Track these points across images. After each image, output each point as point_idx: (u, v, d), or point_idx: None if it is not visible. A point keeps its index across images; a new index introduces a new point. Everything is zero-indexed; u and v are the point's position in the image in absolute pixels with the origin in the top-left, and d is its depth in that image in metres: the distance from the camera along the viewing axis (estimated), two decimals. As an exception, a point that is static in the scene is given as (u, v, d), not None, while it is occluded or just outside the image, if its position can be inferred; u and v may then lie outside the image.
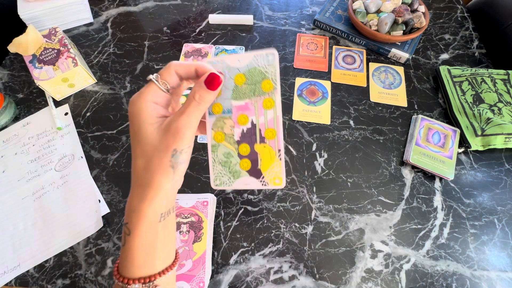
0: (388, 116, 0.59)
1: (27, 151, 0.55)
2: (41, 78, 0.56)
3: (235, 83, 0.27)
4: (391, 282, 0.45)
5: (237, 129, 0.28)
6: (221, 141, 0.28)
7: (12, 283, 0.44)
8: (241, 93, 0.27)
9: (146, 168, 0.26)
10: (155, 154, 0.25)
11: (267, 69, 0.27)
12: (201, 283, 0.43)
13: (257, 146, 0.28)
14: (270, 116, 0.27)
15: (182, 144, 0.25)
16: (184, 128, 0.25)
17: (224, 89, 0.27)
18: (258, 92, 0.27)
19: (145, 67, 0.66)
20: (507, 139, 0.53)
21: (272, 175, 0.28)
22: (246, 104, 0.27)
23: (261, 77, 0.27)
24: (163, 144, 0.25)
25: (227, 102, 0.27)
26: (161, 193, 0.26)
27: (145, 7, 0.76)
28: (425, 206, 0.50)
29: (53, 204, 0.50)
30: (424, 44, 0.69)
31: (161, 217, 0.26)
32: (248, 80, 0.27)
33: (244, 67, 0.27)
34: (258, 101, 0.27)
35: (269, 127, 0.27)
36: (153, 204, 0.26)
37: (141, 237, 0.26)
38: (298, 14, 0.75)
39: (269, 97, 0.27)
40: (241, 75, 0.27)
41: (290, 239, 0.48)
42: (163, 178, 0.25)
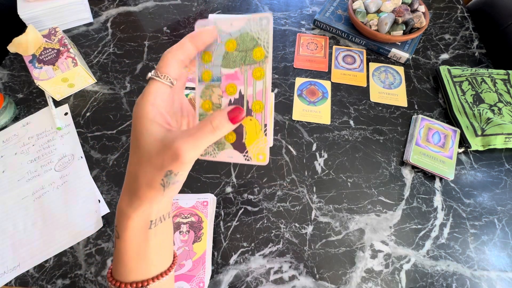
0: (388, 116, 0.59)
1: (27, 151, 0.55)
2: (41, 78, 0.56)
3: (226, 49, 0.26)
4: (391, 282, 0.45)
5: (225, 99, 0.26)
6: (208, 110, 0.27)
7: (12, 283, 0.44)
8: (231, 60, 0.26)
9: (136, 177, 0.24)
10: (148, 168, 0.23)
11: (259, 35, 0.25)
12: (201, 283, 0.43)
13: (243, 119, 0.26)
14: (259, 87, 0.25)
15: (179, 168, 0.23)
16: (187, 153, 0.22)
17: (216, 55, 0.26)
18: (249, 60, 0.25)
19: (145, 67, 0.66)
20: (507, 139, 0.53)
21: (256, 151, 0.26)
22: (235, 73, 0.26)
23: (253, 43, 0.25)
24: (159, 161, 0.23)
25: (216, 69, 0.26)
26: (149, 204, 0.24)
27: (145, 7, 0.76)
28: (425, 206, 0.50)
29: (53, 204, 0.50)
30: (424, 44, 0.69)
31: (152, 224, 0.25)
32: (239, 46, 0.25)
33: (236, 32, 0.25)
34: (248, 70, 0.25)
35: (257, 99, 0.26)
36: (140, 212, 0.24)
37: (130, 242, 0.25)
38: (298, 14, 0.75)
39: (259, 67, 0.25)
40: (232, 40, 0.25)
41: (290, 239, 0.48)
42: (150, 192, 0.23)
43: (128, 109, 0.60)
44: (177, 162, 0.22)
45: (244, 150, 0.27)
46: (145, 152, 0.23)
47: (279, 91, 0.62)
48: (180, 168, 0.23)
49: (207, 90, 0.27)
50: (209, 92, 0.27)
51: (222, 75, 0.26)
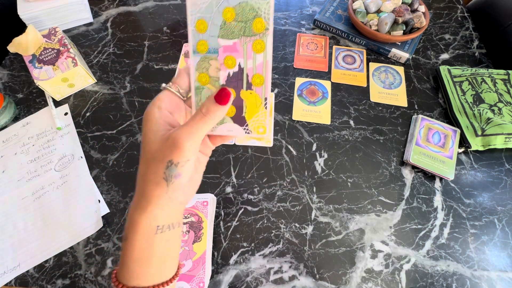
0: (388, 116, 0.59)
1: (27, 151, 0.55)
2: (41, 78, 0.56)
3: (224, 18, 0.24)
4: (391, 282, 0.45)
5: (223, 72, 0.26)
6: (205, 84, 0.26)
7: (12, 283, 0.44)
8: (229, 31, 0.24)
9: (143, 177, 0.25)
10: (151, 163, 0.24)
11: (260, 5, 0.23)
12: (201, 283, 0.43)
13: (243, 93, 0.26)
14: (260, 60, 0.25)
15: (178, 156, 0.23)
16: (183, 140, 0.23)
17: (212, 24, 0.24)
18: (249, 32, 0.24)
19: (145, 67, 0.66)
20: (507, 139, 0.53)
21: (256, 124, 0.27)
22: (234, 44, 0.25)
23: (253, 14, 0.24)
24: (160, 154, 0.24)
25: (213, 40, 0.25)
26: (155, 204, 0.25)
27: (145, 7, 0.76)
28: (425, 206, 0.50)
29: (53, 204, 0.50)
30: (424, 44, 0.69)
31: (158, 229, 0.25)
32: (238, 16, 0.24)
33: (235, 0, 0.24)
34: (248, 42, 0.24)
35: (257, 73, 0.25)
36: (147, 215, 0.25)
37: (136, 246, 0.25)
38: (298, 14, 0.75)
39: (259, 39, 0.24)
40: (230, 9, 0.24)
41: (290, 239, 0.48)
42: (155, 189, 0.24)
43: (128, 109, 0.60)
44: (175, 150, 0.23)
45: (244, 124, 0.27)
46: (150, 150, 0.24)
47: (279, 91, 0.62)
48: (180, 157, 0.23)
49: (203, 62, 0.25)
50: (206, 64, 0.25)
51: (219, 46, 0.25)
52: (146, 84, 0.63)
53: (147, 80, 0.64)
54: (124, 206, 0.50)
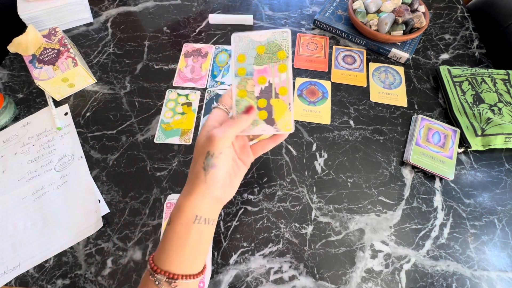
0: (388, 116, 0.59)
1: (27, 151, 0.55)
2: (41, 78, 0.56)
3: (257, 52, 0.34)
4: (391, 282, 0.45)
5: (257, 87, 0.35)
6: (243, 97, 0.35)
7: (12, 283, 0.44)
8: (261, 60, 0.35)
9: (192, 168, 0.32)
10: (197, 157, 0.32)
11: (282, 42, 0.34)
12: (201, 283, 0.43)
13: (272, 101, 0.35)
14: (283, 77, 0.35)
15: (213, 148, 0.31)
16: (217, 135, 0.31)
17: (249, 57, 0.35)
18: (275, 59, 0.34)
19: (145, 67, 0.66)
20: (507, 139, 0.53)
21: (283, 123, 0.35)
22: (264, 68, 0.35)
23: (277, 48, 0.34)
24: (202, 148, 0.31)
25: (249, 67, 0.35)
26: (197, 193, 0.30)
27: (145, 7, 0.76)
28: (425, 206, 0.50)
29: (53, 204, 0.50)
30: (424, 44, 0.69)
31: (196, 219, 0.30)
32: (267, 50, 0.34)
33: (264, 41, 0.34)
34: (274, 66, 0.34)
35: (282, 86, 0.35)
36: (190, 202, 0.30)
37: (176, 230, 0.30)
38: (298, 14, 0.75)
39: (283, 63, 0.34)
40: (261, 46, 0.34)
41: (290, 239, 0.48)
42: (196, 178, 0.31)
43: (128, 109, 0.60)
44: (211, 142, 0.31)
45: (274, 124, 0.35)
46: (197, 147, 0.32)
47: (279, 91, 0.62)
48: (214, 148, 0.31)
49: (242, 81, 0.35)
50: (244, 83, 0.35)
51: (254, 70, 0.35)
52: (146, 84, 0.63)
53: (147, 80, 0.64)
54: (124, 206, 0.50)
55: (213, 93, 0.62)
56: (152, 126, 0.58)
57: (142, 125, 0.58)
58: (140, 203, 0.50)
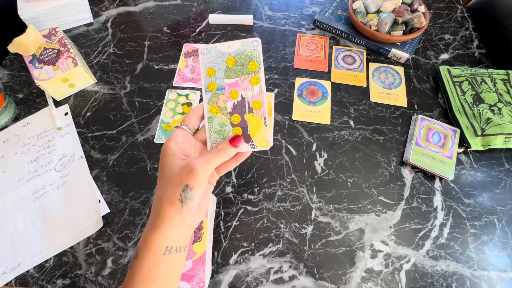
0: (388, 116, 0.59)
1: (27, 151, 0.55)
2: (41, 78, 0.56)
3: (227, 65, 0.32)
4: (391, 282, 0.45)
5: (229, 102, 0.33)
6: (215, 113, 0.33)
7: (12, 283, 0.44)
8: (232, 73, 0.32)
9: (160, 198, 0.29)
10: (169, 186, 0.28)
11: (252, 53, 0.32)
12: (201, 283, 0.43)
13: (246, 116, 0.33)
14: (256, 90, 0.32)
15: (194, 181, 0.28)
16: (199, 168, 0.28)
17: (218, 70, 0.32)
18: (246, 71, 0.32)
19: (145, 67, 0.66)
20: (507, 139, 0.53)
21: (259, 139, 0.32)
22: (236, 82, 0.32)
23: (248, 59, 0.32)
24: (178, 179, 0.28)
25: (220, 80, 0.33)
26: (168, 224, 0.28)
27: (145, 7, 0.76)
28: (425, 206, 0.50)
29: (53, 204, 0.50)
30: (424, 44, 0.69)
31: (167, 250, 0.29)
32: (237, 62, 0.32)
33: (233, 52, 0.32)
34: (246, 79, 0.32)
35: (255, 99, 0.32)
36: (160, 234, 0.28)
37: (145, 264, 0.28)
38: (298, 14, 0.75)
39: (255, 75, 0.32)
40: (231, 58, 0.32)
41: (290, 239, 0.48)
42: (170, 209, 0.28)
43: (128, 109, 0.60)
44: (192, 175, 0.28)
45: (250, 140, 0.32)
46: (168, 176, 0.29)
47: (279, 91, 0.62)
48: (195, 182, 0.28)
49: (213, 97, 0.33)
50: (215, 98, 0.33)
51: (225, 84, 0.32)
52: (146, 84, 0.63)
53: (147, 80, 0.64)
54: (124, 206, 0.50)
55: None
56: (152, 126, 0.58)
57: (142, 125, 0.58)
58: (140, 203, 0.50)
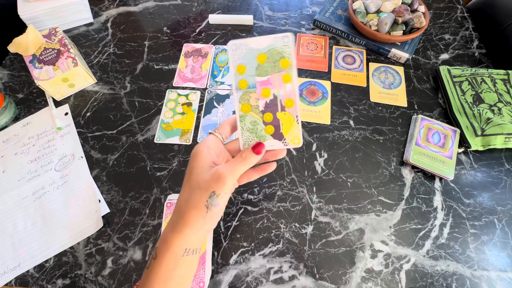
0: (388, 116, 0.59)
1: (27, 151, 0.55)
2: (41, 78, 0.56)
3: (258, 62, 0.32)
4: (391, 282, 0.45)
5: (261, 101, 0.32)
6: (247, 112, 0.33)
7: (12, 283, 0.44)
8: (263, 70, 0.32)
9: (186, 202, 0.30)
10: (197, 191, 0.29)
11: (283, 49, 0.31)
12: (201, 283, 0.43)
13: (279, 114, 0.33)
14: (289, 88, 0.32)
15: (221, 189, 0.29)
16: (227, 176, 0.29)
17: (249, 67, 0.32)
18: (278, 68, 0.32)
19: (145, 67, 0.66)
20: (507, 139, 0.53)
21: (291, 137, 0.33)
22: (268, 79, 0.32)
23: (279, 56, 0.31)
24: (206, 185, 0.29)
25: (251, 78, 0.32)
26: (191, 227, 0.29)
27: (145, 7, 0.76)
28: (425, 206, 0.50)
29: (53, 204, 0.50)
30: (424, 44, 0.69)
31: (185, 252, 0.30)
32: (268, 59, 0.31)
33: (264, 48, 0.31)
34: (278, 76, 0.32)
35: (288, 98, 0.32)
36: (181, 236, 0.29)
37: (163, 264, 0.29)
38: (298, 14, 0.75)
39: (287, 73, 0.32)
40: (262, 55, 0.31)
41: (290, 239, 0.48)
42: (196, 213, 0.29)
43: (128, 109, 0.60)
44: (219, 182, 0.29)
45: (282, 138, 0.33)
46: (196, 181, 0.30)
47: (279, 91, 0.62)
48: (222, 189, 0.29)
49: (244, 95, 0.33)
50: (247, 97, 0.33)
51: (256, 82, 0.32)
52: (146, 84, 0.63)
53: (147, 80, 0.64)
54: (124, 206, 0.50)
55: (213, 93, 0.62)
56: (152, 126, 0.58)
57: (142, 125, 0.58)
58: (140, 203, 0.50)
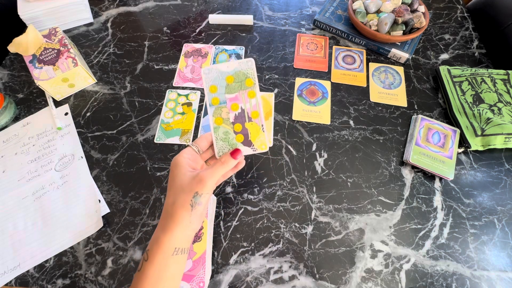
0: (388, 116, 0.59)
1: (27, 151, 0.55)
2: (41, 78, 0.56)
3: (227, 82, 0.38)
4: (391, 282, 0.45)
5: (231, 113, 0.38)
6: (220, 124, 0.38)
7: (12, 283, 0.44)
8: (231, 89, 0.38)
9: (173, 204, 0.33)
10: (181, 194, 0.33)
11: (247, 71, 0.37)
12: (201, 283, 0.43)
13: (246, 124, 0.38)
14: (254, 102, 0.38)
15: (203, 189, 0.33)
16: (207, 178, 0.34)
17: (220, 86, 0.38)
18: (243, 87, 0.38)
19: (145, 67, 0.66)
20: (507, 139, 0.53)
21: (259, 143, 0.38)
22: (236, 96, 0.38)
23: (244, 76, 0.37)
24: (189, 187, 0.33)
25: (222, 96, 0.38)
26: (179, 225, 0.32)
27: (145, 7, 0.76)
28: (425, 206, 0.50)
29: (53, 204, 0.50)
30: (424, 44, 0.69)
31: (175, 251, 0.32)
32: (235, 79, 0.37)
33: (232, 71, 0.37)
34: (244, 93, 0.38)
35: (253, 110, 0.38)
36: (172, 235, 0.32)
37: (155, 265, 0.32)
38: (298, 14, 0.75)
39: (251, 90, 0.38)
40: (230, 76, 0.37)
41: (290, 239, 0.48)
42: (183, 212, 0.33)
43: (128, 109, 0.60)
44: (201, 184, 0.33)
45: (251, 145, 0.38)
46: (180, 185, 0.34)
47: (279, 91, 0.62)
48: (204, 190, 0.34)
49: (217, 110, 0.38)
50: (219, 111, 0.38)
51: (226, 99, 0.38)
52: (146, 84, 0.63)
53: (147, 80, 0.64)
54: (124, 206, 0.50)
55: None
56: (152, 126, 0.58)
57: (142, 125, 0.58)
58: (140, 203, 0.50)
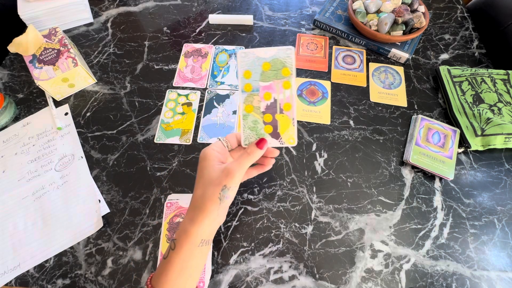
0: (388, 116, 0.59)
1: (27, 151, 0.55)
2: (41, 78, 0.56)
3: (262, 69, 0.36)
4: (391, 282, 0.45)
5: (263, 103, 0.37)
6: (250, 112, 0.37)
7: (12, 283, 0.44)
8: (266, 76, 0.36)
9: (202, 196, 0.34)
10: (210, 187, 0.34)
11: (285, 59, 0.35)
12: (201, 283, 0.43)
13: (277, 116, 0.37)
14: (288, 94, 0.36)
15: (231, 182, 0.34)
16: (235, 171, 0.34)
17: (254, 73, 0.36)
18: (279, 76, 0.36)
19: (145, 67, 0.66)
20: (507, 139, 0.53)
21: (287, 137, 0.37)
22: (270, 85, 0.36)
23: (282, 65, 0.35)
24: (218, 180, 0.34)
25: (255, 83, 0.36)
26: (208, 218, 0.33)
27: (145, 7, 0.76)
28: (425, 206, 0.50)
29: (53, 204, 0.50)
30: (424, 44, 0.69)
31: (201, 243, 0.33)
32: (272, 67, 0.36)
33: (269, 58, 0.35)
34: (279, 83, 0.36)
35: (286, 102, 0.36)
36: (200, 227, 0.33)
37: (182, 254, 0.32)
38: (298, 14, 0.75)
39: (287, 80, 0.36)
40: (267, 63, 0.35)
41: (290, 239, 0.48)
42: (212, 205, 0.33)
43: (128, 109, 0.60)
44: (229, 177, 0.33)
45: (279, 137, 0.37)
46: (208, 178, 0.34)
47: (279, 91, 0.62)
48: (232, 183, 0.34)
49: (248, 97, 0.37)
50: (250, 99, 0.37)
51: (260, 86, 0.36)
52: (146, 84, 0.63)
53: (147, 80, 0.64)
54: (124, 206, 0.50)
55: (213, 93, 0.62)
56: (152, 126, 0.58)
57: (142, 125, 0.58)
58: (140, 203, 0.50)
